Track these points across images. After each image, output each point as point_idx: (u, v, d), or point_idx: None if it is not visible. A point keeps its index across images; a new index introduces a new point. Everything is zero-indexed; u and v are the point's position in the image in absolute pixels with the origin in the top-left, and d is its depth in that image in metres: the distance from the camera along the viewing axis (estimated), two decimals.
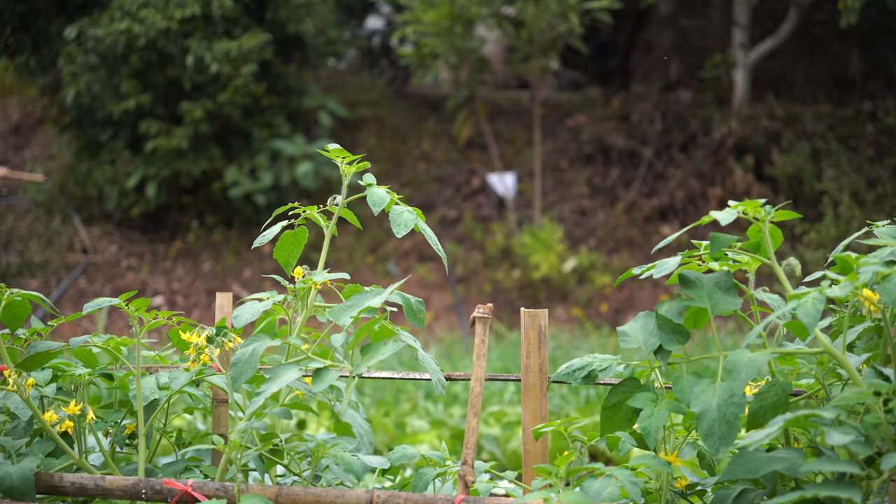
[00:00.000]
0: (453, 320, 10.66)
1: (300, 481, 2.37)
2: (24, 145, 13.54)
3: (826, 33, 12.32)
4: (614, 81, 13.75)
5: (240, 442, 2.16)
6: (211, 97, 11.25)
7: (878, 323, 2.00)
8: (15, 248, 11.90)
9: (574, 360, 2.20)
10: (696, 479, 2.19)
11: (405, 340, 2.13)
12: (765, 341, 2.10)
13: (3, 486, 2.21)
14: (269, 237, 2.34)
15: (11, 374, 2.27)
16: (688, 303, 2.04)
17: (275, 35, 11.57)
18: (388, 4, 14.33)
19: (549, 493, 1.87)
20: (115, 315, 9.98)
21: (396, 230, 2.23)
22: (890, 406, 1.76)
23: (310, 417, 5.60)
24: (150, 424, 2.40)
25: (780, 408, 1.93)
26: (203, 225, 12.00)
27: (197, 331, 2.30)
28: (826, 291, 1.82)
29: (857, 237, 2.21)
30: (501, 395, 6.59)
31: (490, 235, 11.61)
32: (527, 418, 2.28)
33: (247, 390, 2.32)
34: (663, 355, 2.04)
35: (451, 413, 6.23)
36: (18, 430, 2.38)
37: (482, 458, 5.57)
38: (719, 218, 1.98)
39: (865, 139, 11.50)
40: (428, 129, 13.11)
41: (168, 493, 2.17)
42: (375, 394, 6.86)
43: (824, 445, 2.01)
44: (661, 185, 11.84)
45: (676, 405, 2.01)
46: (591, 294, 10.89)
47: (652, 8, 13.23)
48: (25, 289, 5.23)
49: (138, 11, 10.90)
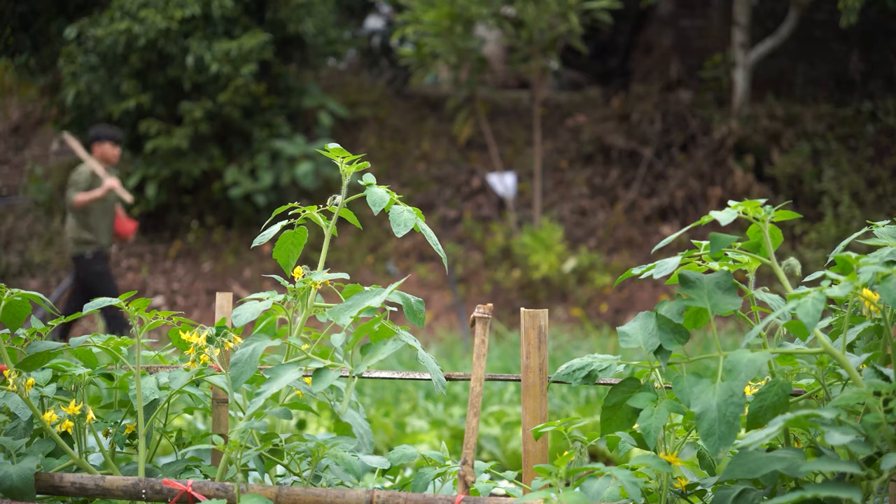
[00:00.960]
0: (453, 320, 10.67)
1: (300, 481, 2.37)
2: (24, 145, 13.54)
3: (826, 33, 12.32)
4: (614, 81, 13.75)
5: (240, 442, 2.16)
6: (211, 97, 11.25)
7: (878, 323, 2.00)
8: (15, 248, 11.91)
9: (574, 360, 2.20)
10: (696, 479, 2.19)
11: (405, 340, 2.13)
12: (765, 341, 2.10)
13: (3, 486, 2.21)
14: (269, 237, 2.34)
15: (11, 374, 2.27)
16: (688, 303, 2.04)
17: (275, 35, 11.58)
18: (388, 4, 14.34)
19: (549, 493, 1.87)
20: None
21: (396, 230, 2.23)
22: (890, 406, 1.76)
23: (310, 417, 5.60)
24: (150, 424, 2.40)
25: (780, 408, 1.93)
26: (203, 225, 12.00)
27: (197, 331, 2.30)
28: (826, 291, 1.82)
29: (857, 237, 2.21)
30: (501, 395, 6.59)
31: (490, 235, 11.61)
32: (527, 418, 2.28)
33: (247, 390, 2.32)
34: (663, 355, 2.04)
35: (451, 413, 6.23)
36: (18, 430, 2.38)
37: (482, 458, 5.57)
38: (719, 218, 1.98)
39: (865, 139, 11.50)
40: (428, 129, 13.11)
41: (168, 493, 2.18)
42: (375, 394, 6.86)
43: (824, 445, 2.01)
44: (661, 185, 11.84)
45: (676, 405, 2.01)
46: (591, 294, 10.89)
47: (652, 8, 13.24)
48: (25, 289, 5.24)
49: (138, 11, 10.91)
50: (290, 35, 11.72)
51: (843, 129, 11.60)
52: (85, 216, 8.58)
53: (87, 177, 8.61)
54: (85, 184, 8.58)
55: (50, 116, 12.69)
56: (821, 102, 12.03)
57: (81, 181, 8.58)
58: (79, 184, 8.58)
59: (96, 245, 8.63)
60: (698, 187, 11.57)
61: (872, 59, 12.25)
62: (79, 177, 8.61)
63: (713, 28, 13.02)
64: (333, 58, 13.47)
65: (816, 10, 12.03)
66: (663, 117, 12.28)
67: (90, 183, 8.61)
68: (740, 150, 11.59)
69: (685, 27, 13.26)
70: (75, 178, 8.62)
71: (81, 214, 8.58)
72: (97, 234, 8.64)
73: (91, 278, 8.60)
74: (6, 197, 12.67)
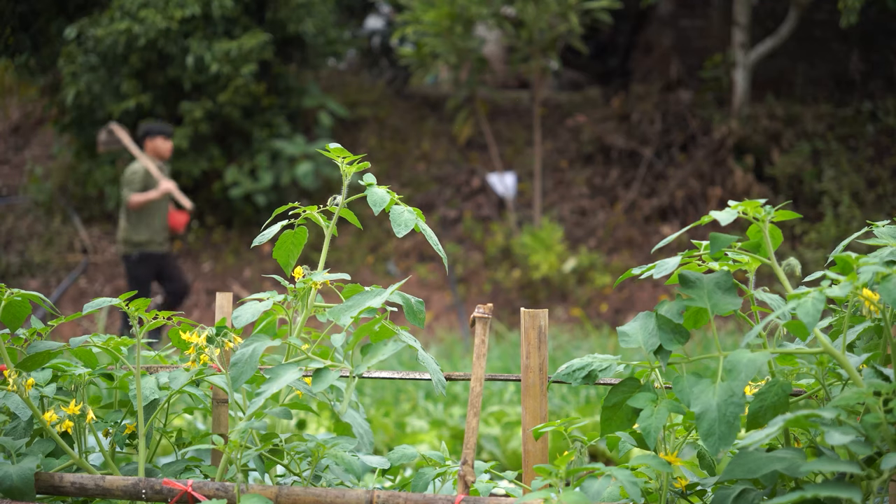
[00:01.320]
0: (453, 320, 10.67)
1: (300, 481, 2.37)
2: (24, 145, 13.54)
3: (826, 33, 12.32)
4: (614, 81, 13.75)
5: (240, 442, 2.16)
6: (211, 97, 11.25)
7: (878, 323, 2.00)
8: (15, 248, 11.90)
9: (574, 360, 2.20)
10: (696, 479, 2.19)
11: (405, 340, 2.13)
12: (765, 341, 2.10)
13: (3, 486, 2.21)
14: (269, 237, 2.34)
15: (11, 374, 2.27)
16: (688, 303, 2.04)
17: (275, 35, 11.58)
18: (388, 4, 14.34)
19: (549, 493, 1.87)
20: (115, 315, 9.98)
21: (397, 230, 2.23)
22: (890, 406, 1.76)
23: (310, 417, 5.60)
24: (150, 424, 2.40)
25: (780, 408, 1.93)
26: (203, 225, 12.00)
27: (197, 331, 2.30)
28: (826, 291, 1.82)
29: (857, 237, 2.21)
30: (501, 395, 6.59)
31: (490, 235, 11.61)
32: (527, 418, 2.28)
33: (247, 390, 2.32)
34: (663, 355, 2.04)
35: (451, 413, 6.23)
36: (18, 430, 2.38)
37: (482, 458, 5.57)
38: (719, 218, 1.98)
39: (865, 139, 11.50)
40: (428, 129, 13.11)
41: (168, 493, 2.18)
42: (375, 394, 6.86)
43: (824, 445, 2.01)
44: (661, 185, 11.84)
45: (676, 405, 2.01)
46: (591, 294, 10.89)
47: (652, 8, 13.24)
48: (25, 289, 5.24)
49: (138, 11, 10.91)
50: (290, 35, 11.72)
51: (843, 129, 11.60)
52: (138, 217, 8.49)
53: (141, 176, 8.48)
54: (140, 183, 8.46)
55: (50, 116, 12.69)
56: (821, 102, 12.03)
57: (136, 181, 8.45)
58: (133, 183, 8.44)
59: (145, 247, 8.53)
60: (698, 187, 11.57)
61: (872, 59, 12.25)
62: (133, 176, 8.47)
63: (713, 28, 13.02)
64: (333, 58, 13.48)
65: (816, 10, 12.03)
66: (663, 117, 12.28)
67: (145, 182, 8.50)
68: (740, 150, 11.59)
69: (685, 27, 13.26)
70: (129, 178, 8.48)
71: (134, 215, 8.48)
72: (150, 235, 8.53)
73: (131, 281, 8.54)
74: (6, 197, 12.67)
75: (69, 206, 12.26)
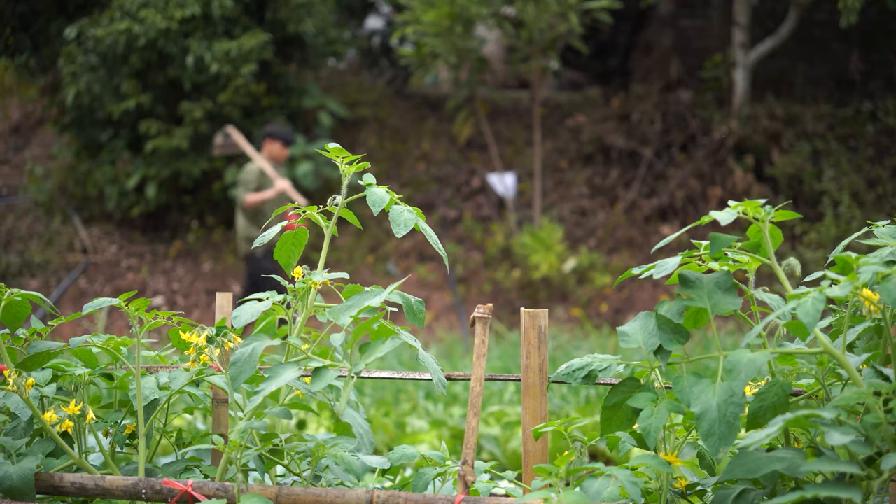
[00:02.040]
0: (453, 320, 10.67)
1: (300, 481, 2.37)
2: (24, 145, 13.54)
3: (826, 33, 12.32)
4: (614, 81, 13.75)
5: (240, 442, 2.16)
6: (211, 97, 11.25)
7: (878, 323, 2.00)
8: (15, 248, 11.90)
9: (574, 360, 2.20)
10: (696, 479, 2.19)
11: (405, 339, 2.13)
12: (765, 341, 2.10)
13: (3, 486, 2.21)
14: (269, 237, 2.34)
15: (11, 374, 2.27)
16: (688, 303, 2.04)
17: (275, 35, 11.58)
18: (388, 4, 14.34)
19: (549, 493, 1.87)
20: (115, 315, 9.98)
21: (396, 230, 2.23)
22: (890, 406, 1.76)
23: (310, 417, 5.60)
24: (150, 424, 2.40)
25: (780, 408, 1.93)
26: (203, 225, 12.00)
27: (197, 331, 2.30)
28: (826, 291, 1.82)
29: (857, 237, 2.21)
30: (501, 395, 6.59)
31: (490, 235, 11.61)
32: (527, 418, 2.28)
33: (246, 390, 2.32)
34: (663, 355, 2.04)
35: (451, 413, 6.23)
36: (18, 430, 2.38)
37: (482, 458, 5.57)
38: (719, 218, 1.98)
39: (865, 139, 11.50)
40: (428, 129, 13.11)
41: (168, 493, 2.18)
42: (375, 394, 6.86)
43: (824, 445, 2.01)
44: (661, 185, 11.84)
45: (676, 405, 2.01)
46: (591, 294, 10.89)
47: (652, 8, 13.24)
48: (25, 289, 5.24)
49: (138, 11, 10.91)
50: (290, 35, 11.72)
51: (843, 129, 11.60)
52: (255, 215, 8.51)
53: (256, 175, 8.51)
54: (255, 183, 8.49)
55: (50, 116, 12.69)
56: (821, 102, 12.03)
57: (251, 180, 8.49)
58: (248, 183, 8.48)
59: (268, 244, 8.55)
60: (698, 187, 11.57)
61: (872, 59, 12.25)
62: (248, 175, 8.52)
63: (713, 28, 13.02)
64: (333, 58, 13.48)
65: (816, 10, 12.03)
66: (663, 117, 12.28)
67: (260, 182, 8.53)
68: (740, 150, 11.59)
69: (685, 27, 13.26)
70: (244, 178, 8.53)
71: (251, 214, 8.50)
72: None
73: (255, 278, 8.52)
74: (6, 197, 12.67)
75: (69, 206, 12.26)
